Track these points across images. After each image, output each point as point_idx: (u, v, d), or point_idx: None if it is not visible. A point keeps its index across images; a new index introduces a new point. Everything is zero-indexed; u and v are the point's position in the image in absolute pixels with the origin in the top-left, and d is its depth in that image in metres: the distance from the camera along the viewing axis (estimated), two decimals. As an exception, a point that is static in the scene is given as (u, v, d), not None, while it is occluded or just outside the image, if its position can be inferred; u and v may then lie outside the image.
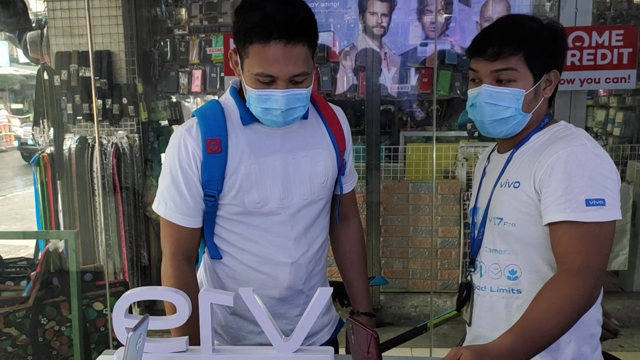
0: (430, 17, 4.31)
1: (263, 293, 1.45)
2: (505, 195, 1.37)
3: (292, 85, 1.32)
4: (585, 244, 1.23)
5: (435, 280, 4.07)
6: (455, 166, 4.23)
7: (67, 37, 3.86)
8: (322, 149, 1.49)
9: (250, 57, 1.30)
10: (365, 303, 1.65)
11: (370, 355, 1.06)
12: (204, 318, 1.21)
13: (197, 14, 4.32)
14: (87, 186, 3.83)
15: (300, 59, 1.30)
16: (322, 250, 1.57)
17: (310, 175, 1.46)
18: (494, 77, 1.36)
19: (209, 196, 1.41)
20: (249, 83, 1.34)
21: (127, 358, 0.96)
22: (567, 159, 1.26)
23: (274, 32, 1.26)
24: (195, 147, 1.39)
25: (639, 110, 4.50)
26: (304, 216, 1.47)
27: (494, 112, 1.37)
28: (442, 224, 4.04)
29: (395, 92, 4.43)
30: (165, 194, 1.44)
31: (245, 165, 1.40)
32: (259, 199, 1.41)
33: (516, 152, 1.41)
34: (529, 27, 1.36)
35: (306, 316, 1.23)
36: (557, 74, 1.38)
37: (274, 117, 1.35)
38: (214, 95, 4.94)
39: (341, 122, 1.55)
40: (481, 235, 1.45)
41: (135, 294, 1.21)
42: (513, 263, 1.38)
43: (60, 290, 2.61)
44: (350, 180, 1.62)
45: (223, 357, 1.24)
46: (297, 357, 1.23)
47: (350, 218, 1.67)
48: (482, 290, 1.43)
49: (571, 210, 1.23)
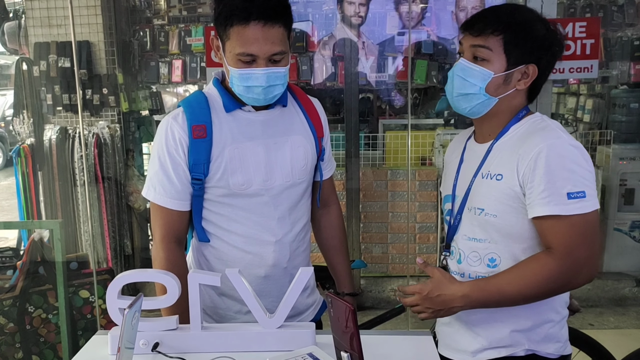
0: (406, 6, 4.39)
1: (249, 272, 1.52)
2: (487, 186, 1.40)
3: (271, 64, 1.41)
4: (570, 236, 1.30)
5: (414, 265, 4.18)
6: (432, 153, 4.33)
7: (45, 27, 3.85)
8: (302, 135, 1.58)
9: (232, 38, 1.40)
10: (349, 284, 1.77)
11: (349, 329, 1.14)
12: (193, 298, 1.28)
13: (176, 4, 4.33)
14: (68, 176, 3.85)
15: (278, 39, 1.40)
16: (305, 232, 1.65)
17: (291, 159, 1.55)
18: (472, 52, 1.39)
19: (196, 179, 1.49)
20: (231, 64, 1.43)
21: (123, 334, 1.03)
22: (548, 153, 1.30)
23: (253, 13, 1.36)
24: (181, 133, 1.47)
25: (607, 98, 4.65)
26: (286, 197, 1.55)
27: (461, 85, 1.41)
28: (420, 209, 4.14)
29: (374, 81, 4.51)
30: (154, 180, 1.51)
31: (229, 149, 1.49)
32: (243, 181, 1.50)
33: (496, 143, 1.43)
34: (521, 16, 1.39)
35: (288, 294, 1.31)
36: (535, 69, 1.38)
37: (255, 95, 1.44)
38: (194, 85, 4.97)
39: (318, 111, 1.65)
40: (457, 222, 1.49)
41: (127, 276, 1.28)
42: (493, 252, 1.42)
43: (46, 279, 2.65)
44: (329, 167, 1.71)
45: (211, 334, 1.32)
46: (280, 332, 1.31)
47: (330, 205, 1.77)
48: (461, 276, 1.47)
49: (555, 204, 1.29)
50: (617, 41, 4.23)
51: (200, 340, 1.30)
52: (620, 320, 3.80)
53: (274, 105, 1.55)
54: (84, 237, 3.88)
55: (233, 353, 1.29)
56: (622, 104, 4.42)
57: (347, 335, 1.14)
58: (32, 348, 2.64)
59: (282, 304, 1.31)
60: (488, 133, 1.47)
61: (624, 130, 4.36)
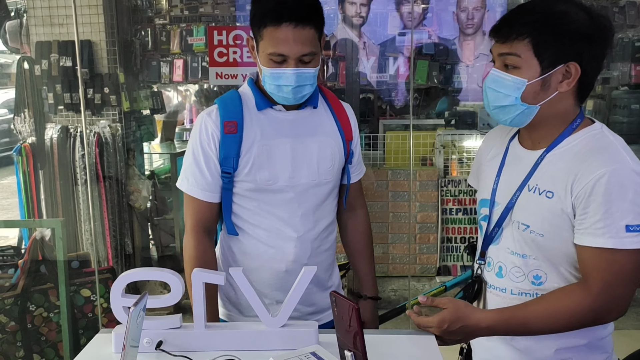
0: (407, 7, 4.40)
1: (271, 266, 1.60)
2: (535, 203, 1.29)
3: (301, 64, 1.46)
4: (612, 272, 1.21)
5: (414, 265, 4.19)
6: (433, 153, 4.33)
7: (47, 26, 3.85)
8: (330, 137, 1.63)
9: (264, 39, 1.46)
10: (372, 287, 1.81)
11: (352, 327, 1.15)
12: (197, 296, 1.29)
13: (177, 4, 4.34)
14: (69, 175, 3.85)
15: (308, 40, 1.45)
16: (329, 232, 1.69)
17: (318, 159, 1.59)
18: (502, 61, 1.27)
19: (226, 173, 1.56)
20: (263, 63, 1.49)
21: (128, 332, 1.04)
22: (609, 180, 1.19)
23: (284, 15, 1.42)
24: (214, 128, 1.55)
25: (608, 99, 4.65)
26: (311, 196, 1.60)
27: (495, 98, 1.29)
28: (421, 209, 4.15)
29: (375, 81, 4.52)
30: (187, 172, 1.59)
31: (258, 145, 1.55)
32: (269, 176, 1.55)
33: (547, 154, 1.30)
34: (549, 11, 1.23)
35: (292, 293, 1.31)
36: (577, 67, 1.23)
37: (285, 94, 1.50)
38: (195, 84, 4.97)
39: (349, 115, 1.70)
40: (497, 232, 1.39)
41: (131, 274, 1.28)
42: (538, 269, 1.32)
43: (47, 278, 2.66)
44: (357, 170, 1.75)
45: (215, 332, 1.32)
46: (283, 331, 1.31)
47: (358, 208, 1.81)
48: (502, 291, 1.38)
49: (609, 237, 1.19)
50: (618, 42, 4.24)
51: (204, 339, 1.31)
52: (620, 320, 3.78)
53: (305, 105, 1.60)
54: (85, 236, 3.89)
55: (237, 352, 1.29)
56: (623, 105, 4.43)
57: (350, 334, 1.15)
58: (34, 347, 2.65)
59: (285, 303, 1.32)
60: (537, 141, 1.33)
61: (624, 132, 4.36)
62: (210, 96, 5.28)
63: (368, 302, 1.79)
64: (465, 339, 1.36)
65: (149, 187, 4.10)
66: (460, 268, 4.22)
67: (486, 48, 4.31)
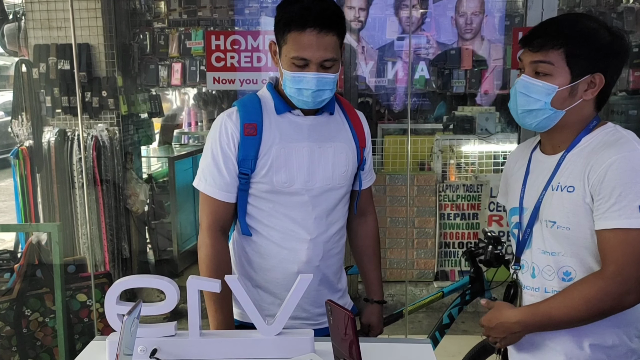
0: (406, 12, 4.40)
1: (283, 267, 1.63)
2: (559, 199, 1.38)
3: (322, 69, 1.51)
4: (624, 253, 1.27)
5: (412, 270, 4.19)
6: (431, 158, 4.33)
7: (45, 29, 3.85)
8: (345, 143, 1.67)
9: (288, 43, 1.51)
10: (378, 292, 1.86)
11: (348, 336, 1.14)
12: (192, 304, 1.28)
13: (176, 7, 4.34)
14: (66, 179, 3.84)
15: (330, 46, 1.50)
16: (340, 236, 1.73)
17: (333, 164, 1.63)
18: (533, 68, 1.37)
19: (243, 174, 1.59)
20: (285, 67, 1.53)
21: (122, 341, 1.03)
22: (620, 165, 1.27)
23: (309, 21, 1.47)
24: (234, 130, 1.59)
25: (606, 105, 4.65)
26: (325, 200, 1.64)
27: (525, 102, 1.39)
28: (419, 214, 4.14)
29: (373, 86, 4.52)
30: (205, 172, 1.61)
31: (276, 148, 1.58)
32: (286, 179, 1.59)
33: (567, 154, 1.40)
34: (582, 26, 1.35)
35: (288, 301, 1.31)
36: (601, 78, 1.35)
37: (304, 97, 1.53)
38: (194, 88, 4.97)
39: (363, 123, 1.74)
40: (528, 235, 1.47)
41: (126, 281, 1.28)
42: (567, 264, 1.39)
43: (43, 282, 2.65)
44: (368, 177, 1.80)
45: (210, 340, 1.31)
46: (279, 339, 1.31)
47: (368, 214, 1.85)
48: (536, 291, 1.45)
49: (625, 217, 1.26)
50: (616, 48, 4.23)
51: (199, 346, 1.30)
52: None
53: (322, 111, 1.64)
54: (82, 240, 3.87)
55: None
56: (620, 111, 4.43)
57: (346, 342, 1.14)
58: (29, 352, 2.63)
59: (280, 311, 1.31)
60: (558, 145, 1.43)
61: (622, 137, 4.35)
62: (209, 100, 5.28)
63: (375, 306, 1.84)
64: (508, 338, 1.43)
65: (147, 190, 4.09)
66: (458, 273, 4.21)
67: (484, 53, 4.31)
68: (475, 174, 4.23)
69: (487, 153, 4.19)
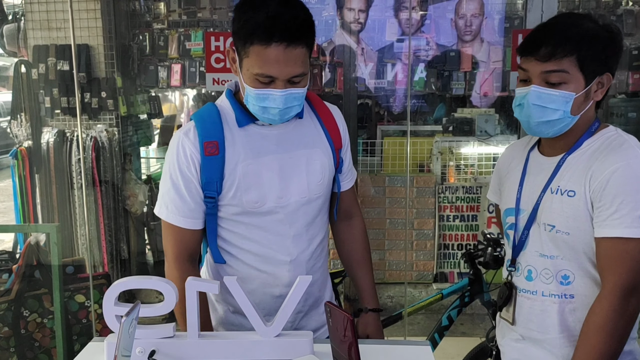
0: (406, 13, 4.40)
1: (264, 291, 1.50)
2: (559, 203, 1.35)
3: (289, 85, 1.35)
4: (622, 264, 1.25)
5: (411, 271, 4.18)
6: (430, 160, 4.33)
7: (44, 30, 3.85)
8: (318, 148, 1.51)
9: (251, 57, 1.33)
10: (372, 299, 1.69)
11: (347, 338, 1.14)
12: (190, 305, 1.27)
13: (175, 9, 4.33)
14: (65, 180, 3.84)
15: (299, 60, 1.33)
16: (322, 248, 1.59)
17: (307, 174, 1.48)
18: (544, 78, 1.32)
19: (209, 197, 1.44)
20: (247, 82, 1.36)
21: (120, 342, 1.03)
22: (623, 173, 1.26)
23: (275, 34, 1.28)
24: (193, 150, 1.42)
25: (605, 107, 4.66)
26: (303, 215, 1.49)
27: (541, 114, 1.34)
28: (418, 216, 4.14)
29: (373, 87, 4.52)
30: (166, 198, 1.46)
31: (242, 166, 1.43)
32: (257, 198, 1.44)
33: (568, 157, 1.38)
34: (585, 28, 1.31)
35: (287, 303, 1.30)
36: (609, 77, 1.35)
37: (271, 116, 1.38)
38: (193, 89, 4.96)
39: (337, 120, 1.57)
40: (524, 237, 1.44)
41: (124, 283, 1.27)
42: (566, 268, 1.37)
43: (42, 283, 2.64)
44: (348, 177, 1.64)
45: (208, 342, 1.31)
46: (278, 341, 1.30)
47: (353, 217, 1.69)
48: (532, 294, 1.43)
49: (625, 226, 1.24)
50: (615, 50, 4.24)
51: (197, 348, 1.29)
52: None
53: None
54: (81, 241, 3.87)
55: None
56: (620, 114, 4.43)
57: (345, 344, 1.14)
58: (27, 352, 2.63)
59: (279, 313, 1.31)
60: (560, 147, 1.41)
61: (621, 140, 4.35)
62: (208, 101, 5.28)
63: (370, 315, 1.68)
64: None
65: (146, 191, 4.09)
66: (457, 275, 4.21)
67: (484, 55, 4.31)
68: (475, 176, 4.23)
69: (487, 155, 4.19)
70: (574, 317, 1.37)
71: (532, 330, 1.45)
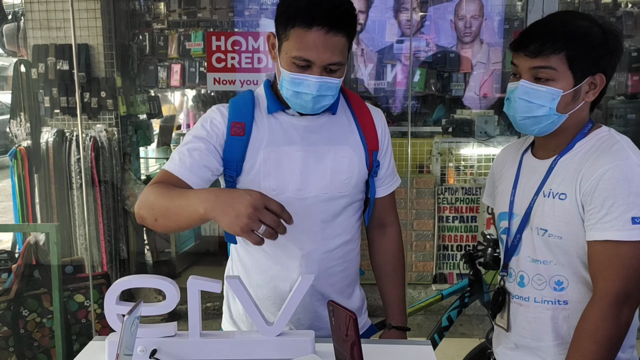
0: (406, 14, 4.41)
1: (275, 284, 1.48)
2: (550, 206, 1.33)
3: (326, 73, 1.34)
4: (613, 268, 1.23)
5: (411, 272, 4.18)
6: (430, 161, 4.33)
7: (44, 30, 3.85)
8: (349, 146, 1.48)
9: (291, 40, 1.33)
10: (399, 316, 1.62)
11: (350, 337, 1.13)
12: (192, 304, 1.27)
13: (175, 9, 4.34)
14: (64, 179, 3.83)
15: (338, 49, 1.32)
16: (345, 252, 1.52)
17: (332, 170, 1.45)
18: (533, 74, 1.31)
19: (229, 176, 1.44)
20: (284, 66, 1.36)
21: (122, 341, 1.02)
22: (613, 175, 1.23)
23: (317, 18, 1.29)
24: (221, 125, 1.43)
25: (604, 109, 4.67)
26: (322, 210, 1.46)
27: (527, 109, 1.33)
28: (417, 217, 4.14)
29: (372, 88, 4.52)
30: (174, 155, 1.43)
31: (264, 151, 1.42)
32: (275, 186, 1.42)
33: (560, 159, 1.36)
34: (576, 26, 1.30)
35: (289, 301, 1.30)
36: (602, 78, 1.32)
37: (303, 102, 1.37)
38: (193, 89, 4.96)
39: (376, 122, 1.53)
40: (517, 242, 1.42)
41: (125, 281, 1.27)
42: (559, 274, 1.34)
43: (41, 283, 2.64)
44: (387, 183, 1.59)
45: (210, 341, 1.30)
46: (280, 340, 1.30)
47: (387, 225, 1.64)
48: (525, 300, 1.41)
49: (617, 229, 1.22)
50: (615, 52, 4.25)
51: (199, 347, 1.29)
52: None
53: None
54: (80, 240, 3.86)
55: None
56: (619, 115, 4.44)
57: (347, 343, 1.14)
58: (26, 352, 2.62)
59: (282, 312, 1.30)
60: (552, 149, 1.39)
61: (621, 141, 4.35)
62: (208, 101, 5.27)
63: (393, 332, 1.60)
64: None
65: (145, 192, 4.08)
66: (457, 276, 4.21)
67: (484, 56, 4.32)
68: (474, 177, 4.23)
69: (486, 156, 4.20)
70: (568, 324, 1.35)
71: (525, 337, 1.43)
